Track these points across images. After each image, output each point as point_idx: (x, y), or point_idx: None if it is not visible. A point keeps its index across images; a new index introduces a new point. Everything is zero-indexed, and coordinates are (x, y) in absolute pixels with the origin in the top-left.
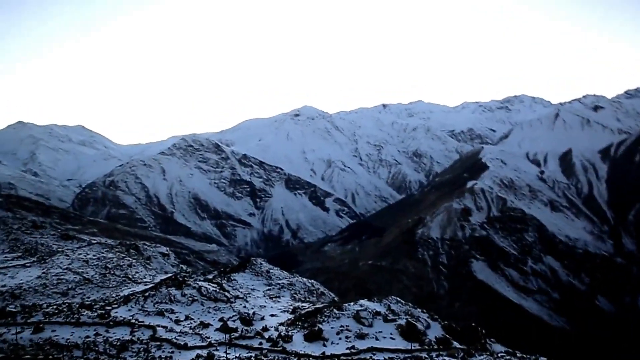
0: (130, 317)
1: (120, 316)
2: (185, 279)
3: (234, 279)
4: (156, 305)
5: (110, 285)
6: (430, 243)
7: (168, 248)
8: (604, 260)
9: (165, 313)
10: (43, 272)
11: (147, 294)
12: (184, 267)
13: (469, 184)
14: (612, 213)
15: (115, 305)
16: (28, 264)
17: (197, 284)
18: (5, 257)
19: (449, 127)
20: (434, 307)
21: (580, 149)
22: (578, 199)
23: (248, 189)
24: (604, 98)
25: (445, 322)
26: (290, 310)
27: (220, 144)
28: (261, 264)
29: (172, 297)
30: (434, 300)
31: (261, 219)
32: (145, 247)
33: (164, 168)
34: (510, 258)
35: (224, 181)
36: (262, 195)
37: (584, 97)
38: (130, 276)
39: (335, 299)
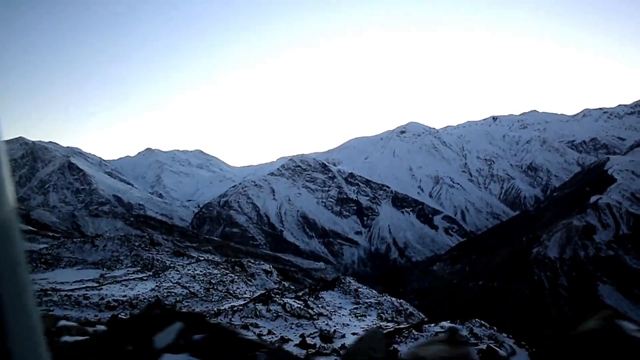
0: None
1: None
2: (272, 295)
3: (322, 297)
4: (242, 319)
5: (213, 299)
6: (547, 263)
7: (271, 265)
8: None
9: (249, 327)
10: (156, 285)
11: (235, 308)
12: (286, 284)
13: (593, 199)
14: None
15: (207, 318)
16: (145, 278)
17: (283, 300)
18: (127, 270)
19: (567, 138)
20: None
21: None
22: None
23: (355, 208)
24: None
25: (534, 349)
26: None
27: (326, 164)
28: (350, 282)
29: (257, 312)
30: (552, 326)
31: (368, 237)
32: (250, 264)
33: (273, 188)
34: None
35: (331, 200)
36: (369, 214)
37: None
38: (231, 291)
39: (425, 319)
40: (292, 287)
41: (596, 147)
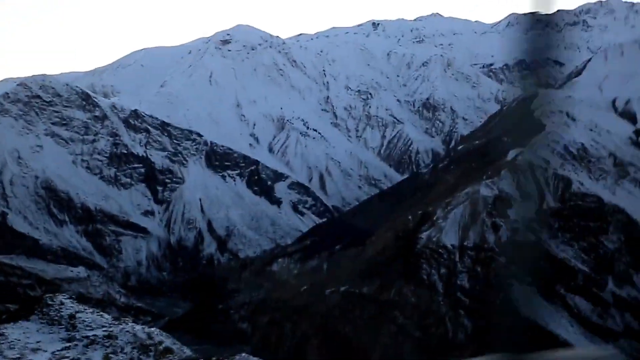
0: None
1: None
2: None
3: (4, 333)
4: None
5: None
6: (443, 255)
7: None
8: None
9: None
10: None
11: None
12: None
13: (510, 155)
14: None
15: None
16: None
17: None
18: None
19: (484, 59)
20: None
21: None
22: None
23: (142, 170)
24: None
25: None
26: None
27: (91, 93)
28: (62, 303)
29: None
30: (449, 350)
31: (165, 221)
32: None
33: None
34: (577, 278)
35: (99, 157)
36: (167, 181)
37: None
38: None
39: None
40: None
41: (524, 75)
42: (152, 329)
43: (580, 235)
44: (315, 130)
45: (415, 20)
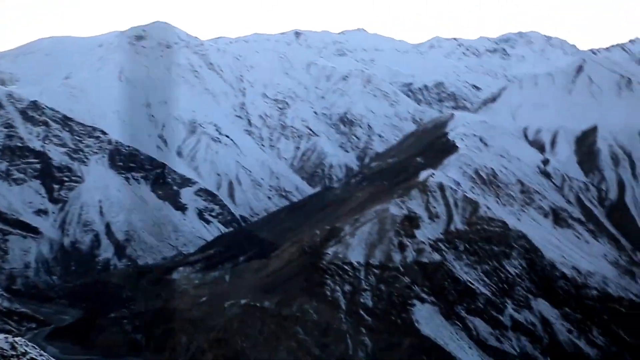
0: None
1: None
2: None
3: None
4: None
5: None
6: (348, 272)
7: None
8: (632, 308)
9: None
10: None
11: None
12: None
13: (422, 175)
14: None
15: None
16: None
17: None
18: None
19: (404, 78)
20: None
21: (611, 126)
22: (600, 208)
23: (37, 166)
24: None
25: None
26: None
27: None
28: None
29: None
30: None
31: (60, 222)
32: None
33: None
34: (477, 300)
35: None
36: (65, 179)
37: (630, 41)
38: None
39: None
40: None
41: (441, 97)
42: (18, 338)
43: (484, 258)
44: (228, 136)
45: (339, 33)
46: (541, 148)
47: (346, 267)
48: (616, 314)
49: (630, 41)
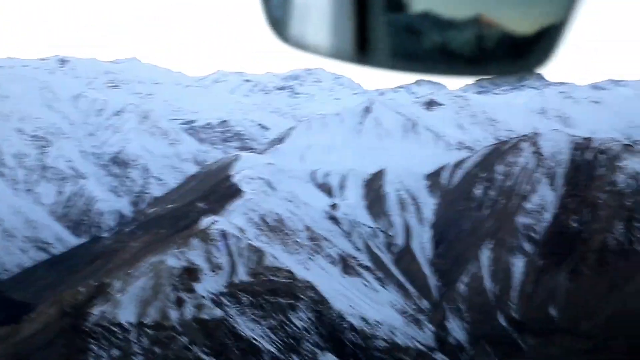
0: None
1: None
2: None
3: None
4: None
5: None
6: (117, 334)
7: None
8: (419, 357)
9: None
10: None
11: None
12: None
13: (204, 223)
14: (436, 279)
15: None
16: None
17: None
18: None
19: (186, 115)
20: None
21: (398, 170)
22: (388, 253)
23: None
24: (445, 90)
25: None
26: None
27: None
28: None
29: None
30: None
31: None
32: None
33: None
34: (262, 358)
35: None
36: None
37: (416, 82)
38: None
39: None
40: None
41: (226, 137)
42: None
43: (269, 312)
44: None
45: (111, 62)
46: (330, 192)
47: (114, 329)
48: None
49: (416, 82)
